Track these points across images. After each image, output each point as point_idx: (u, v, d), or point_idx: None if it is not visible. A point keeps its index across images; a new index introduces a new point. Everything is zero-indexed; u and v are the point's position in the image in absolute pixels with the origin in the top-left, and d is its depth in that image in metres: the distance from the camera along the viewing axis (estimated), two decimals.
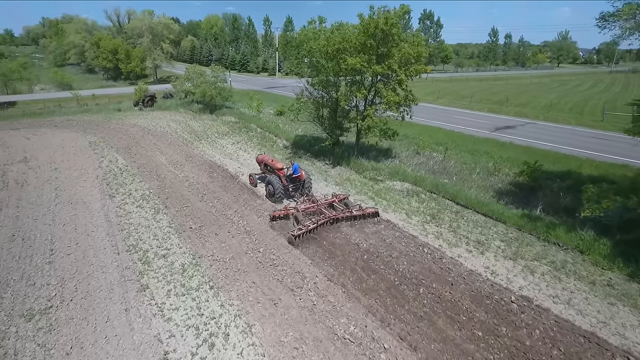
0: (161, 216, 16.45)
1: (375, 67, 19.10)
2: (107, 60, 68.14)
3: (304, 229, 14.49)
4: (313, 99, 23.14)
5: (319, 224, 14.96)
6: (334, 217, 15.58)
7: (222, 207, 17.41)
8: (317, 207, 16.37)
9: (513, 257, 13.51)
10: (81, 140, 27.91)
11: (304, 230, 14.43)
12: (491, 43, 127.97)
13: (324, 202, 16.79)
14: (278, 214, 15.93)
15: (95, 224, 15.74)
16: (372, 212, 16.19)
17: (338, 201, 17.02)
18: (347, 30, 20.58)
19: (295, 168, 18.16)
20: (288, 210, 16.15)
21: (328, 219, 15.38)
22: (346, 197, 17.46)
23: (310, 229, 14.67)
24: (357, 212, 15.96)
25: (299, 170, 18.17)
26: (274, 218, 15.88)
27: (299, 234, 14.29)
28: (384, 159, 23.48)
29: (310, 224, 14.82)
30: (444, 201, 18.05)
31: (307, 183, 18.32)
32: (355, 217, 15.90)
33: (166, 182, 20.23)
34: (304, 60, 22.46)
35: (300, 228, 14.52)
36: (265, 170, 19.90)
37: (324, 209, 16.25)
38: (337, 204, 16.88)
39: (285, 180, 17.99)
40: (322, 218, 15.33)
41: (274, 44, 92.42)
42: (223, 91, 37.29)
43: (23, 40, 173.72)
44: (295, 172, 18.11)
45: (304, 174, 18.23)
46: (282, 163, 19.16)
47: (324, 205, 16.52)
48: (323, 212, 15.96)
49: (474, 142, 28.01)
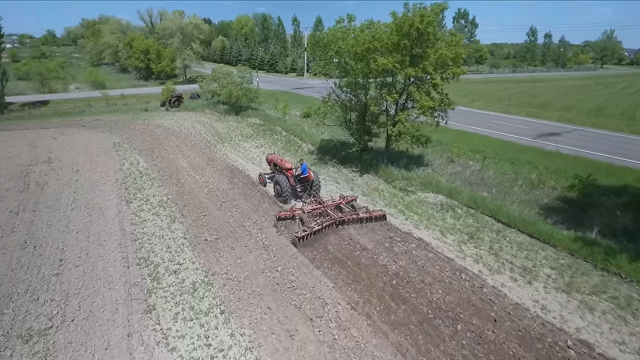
0: (177, 225, 15.57)
1: (408, 69, 17.54)
2: (139, 60, 69.28)
3: (308, 230, 14.25)
4: (340, 102, 21.78)
5: (324, 226, 14.72)
6: (340, 219, 15.22)
7: (241, 217, 16.36)
8: (324, 208, 16.04)
9: (566, 289, 11.69)
10: (106, 141, 27.75)
11: (308, 232, 14.19)
12: (529, 43, 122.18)
13: (330, 204, 16.45)
14: (284, 215, 15.60)
15: (108, 232, 15.03)
16: (379, 215, 15.73)
17: (345, 203, 16.65)
18: (378, 29, 19.10)
19: (303, 168, 17.84)
20: (294, 211, 15.78)
21: (333, 221, 15.06)
22: (354, 198, 17.16)
23: (315, 231, 14.40)
24: (363, 215, 15.58)
25: (307, 170, 17.86)
26: (280, 219, 15.48)
27: (303, 235, 14.05)
28: (415, 167, 21.83)
29: (315, 225, 14.58)
30: (483, 218, 16.28)
31: (316, 183, 18.03)
32: (362, 220, 15.49)
33: (185, 188, 19.43)
34: (332, 61, 21.17)
35: (304, 229, 14.32)
36: (274, 170, 19.68)
37: (331, 210, 15.90)
38: (344, 205, 16.51)
39: (293, 180, 17.71)
40: (327, 220, 15.09)
41: (303, 44, 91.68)
42: (249, 92, 36.54)
43: (64, 41, 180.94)
44: (303, 172, 17.81)
45: (312, 174, 17.95)
46: (290, 163, 18.73)
47: (330, 207, 16.16)
48: (329, 213, 15.62)
49: (514, 150, 25.84)
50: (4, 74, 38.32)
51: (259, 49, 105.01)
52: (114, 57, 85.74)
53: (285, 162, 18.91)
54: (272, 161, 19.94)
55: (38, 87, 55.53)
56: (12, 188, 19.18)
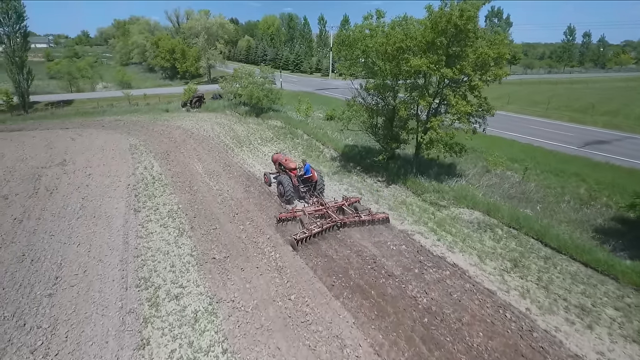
0: (184, 240, 14.28)
1: (444, 70, 15.63)
2: (164, 59, 69.48)
3: (308, 232, 13.87)
4: (366, 106, 20.04)
5: (324, 228, 14.31)
6: (341, 221, 14.75)
7: (254, 231, 14.93)
8: (325, 210, 15.65)
9: (638, 338, 9.62)
10: (123, 143, 27.02)
11: (307, 235, 13.80)
12: (567, 42, 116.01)
13: (333, 205, 16.01)
14: (285, 216, 15.29)
15: (111, 245, 13.90)
16: (382, 217, 15.27)
17: (348, 205, 16.17)
18: (410, 26, 17.27)
19: (307, 168, 17.50)
20: (295, 212, 15.53)
21: (334, 223, 14.67)
22: (357, 200, 16.81)
23: (314, 234, 14.00)
24: (365, 217, 15.06)
25: (310, 170, 17.53)
26: (280, 220, 15.13)
27: (302, 237, 13.65)
28: (447, 178, 19.86)
29: (314, 227, 14.19)
30: (528, 240, 14.24)
31: (320, 184, 17.63)
32: (364, 222, 15.01)
33: (198, 196, 18.21)
34: (358, 61, 19.48)
35: (303, 232, 13.96)
36: (279, 169, 19.30)
37: (332, 212, 15.47)
38: (347, 207, 16.01)
39: (296, 180, 17.34)
40: (327, 222, 14.66)
41: (329, 43, 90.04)
42: (271, 93, 35.19)
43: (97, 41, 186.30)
44: (306, 173, 17.45)
45: (316, 174, 17.57)
46: (295, 163, 18.33)
47: (332, 209, 15.75)
48: (330, 215, 15.22)
49: (558, 159, 23.35)
50: (30, 73, 38.50)
51: (284, 48, 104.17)
52: (141, 57, 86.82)
53: (290, 161, 18.55)
54: (277, 161, 19.57)
55: (66, 86, 56.27)
56: (21, 193, 18.47)
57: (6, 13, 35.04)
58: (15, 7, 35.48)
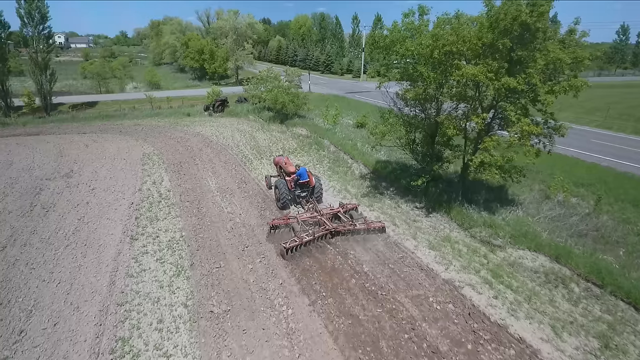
0: (180, 282, 11.88)
1: (506, 79, 12.45)
2: (193, 60, 68.59)
3: (298, 241, 13.17)
4: (403, 117, 17.02)
5: (316, 236, 13.63)
6: (334, 229, 14.04)
7: (265, 273, 12.35)
8: (320, 217, 14.91)
9: None
10: (136, 151, 25.22)
11: (297, 243, 13.11)
12: (619, 42, 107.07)
13: (328, 212, 15.31)
14: (278, 223, 14.54)
15: (95, 287, 11.69)
16: (378, 227, 14.50)
17: (344, 212, 15.45)
18: (462, 24, 14.11)
19: (302, 172, 16.81)
20: (288, 218, 14.83)
21: (327, 231, 14.02)
22: (355, 207, 16.01)
23: (305, 242, 13.31)
24: (361, 226, 14.30)
25: (307, 174, 16.84)
26: (273, 227, 14.45)
27: (292, 246, 12.98)
28: (499, 206, 16.59)
29: (305, 236, 13.47)
30: (616, 304, 10.88)
31: (317, 189, 17.02)
32: (359, 231, 14.26)
33: (205, 221, 15.86)
34: (395, 65, 16.54)
35: (294, 240, 13.24)
36: (280, 173, 18.75)
37: (327, 219, 14.72)
38: (342, 215, 15.26)
39: (292, 184, 16.77)
40: (319, 230, 14.00)
41: (361, 44, 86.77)
42: (297, 98, 32.60)
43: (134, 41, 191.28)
44: (302, 177, 16.80)
45: (313, 179, 16.90)
46: (294, 167, 17.61)
47: (327, 216, 15.02)
48: (324, 222, 14.46)
49: (634, 184, 19.40)
50: (53, 75, 37.81)
51: (315, 49, 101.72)
52: (172, 57, 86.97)
53: (290, 165, 17.97)
54: (278, 163, 19.04)
55: (96, 86, 56.20)
56: (15, 210, 16.77)
57: (29, 13, 34.38)
58: (39, 7, 34.76)
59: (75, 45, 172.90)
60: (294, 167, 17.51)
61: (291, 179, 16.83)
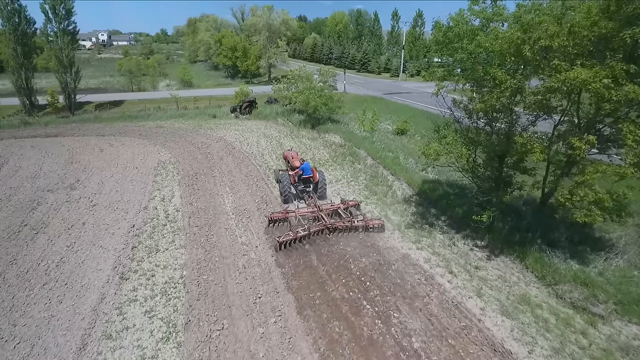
0: (169, 352, 8.97)
1: (631, 86, 8.62)
2: (227, 57, 66.80)
3: (292, 235, 13.04)
4: (466, 134, 13.32)
5: (311, 232, 13.44)
6: (331, 225, 13.79)
7: (280, 343, 9.22)
8: (319, 212, 14.67)
9: None
10: (152, 159, 22.82)
11: (291, 237, 12.98)
12: None
13: (327, 208, 15.18)
14: (277, 217, 14.46)
15: (59, 352, 8.99)
16: (377, 224, 14.14)
17: (344, 208, 15.23)
18: (553, 11, 10.33)
19: (305, 167, 16.84)
20: (287, 213, 14.67)
21: (324, 227, 13.72)
22: (356, 203, 15.82)
23: (300, 237, 13.14)
24: (359, 223, 14.01)
25: (310, 170, 16.89)
26: (272, 221, 14.35)
27: (285, 240, 12.84)
28: (588, 249, 12.68)
29: (300, 230, 13.34)
30: None
31: (321, 185, 16.81)
32: (356, 228, 13.94)
33: (213, 255, 12.96)
34: (455, 69, 12.95)
35: (288, 234, 13.08)
36: (287, 167, 18.67)
37: (324, 215, 14.48)
38: (342, 211, 15.08)
39: (295, 179, 16.85)
40: (316, 225, 13.82)
41: (401, 41, 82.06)
42: (330, 101, 29.24)
43: (173, 39, 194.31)
44: (306, 172, 16.80)
45: (317, 175, 16.82)
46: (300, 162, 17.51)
47: (326, 212, 14.82)
48: (322, 218, 14.25)
49: None
50: (77, 73, 36.48)
51: (352, 46, 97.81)
52: (206, 54, 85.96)
53: (296, 160, 18.00)
54: (286, 158, 19.14)
55: (127, 84, 55.40)
56: (1, 230, 14.58)
57: (54, 9, 33.05)
58: (64, 3, 33.38)
59: (117, 42, 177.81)
60: (300, 161, 17.49)
61: (295, 174, 16.93)
